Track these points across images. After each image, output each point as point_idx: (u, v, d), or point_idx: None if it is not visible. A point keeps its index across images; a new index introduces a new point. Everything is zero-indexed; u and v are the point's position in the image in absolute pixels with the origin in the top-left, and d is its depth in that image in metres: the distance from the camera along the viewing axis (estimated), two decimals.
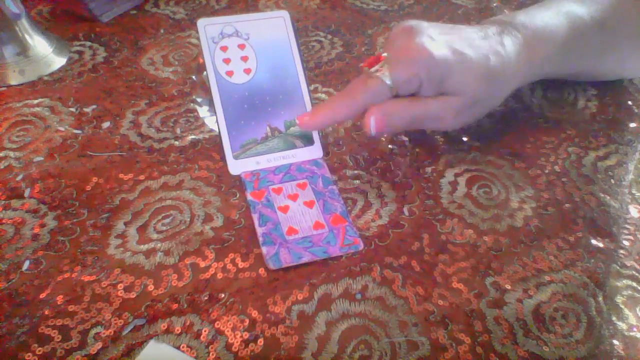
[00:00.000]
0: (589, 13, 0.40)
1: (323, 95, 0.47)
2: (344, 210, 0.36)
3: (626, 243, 0.35)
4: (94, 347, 0.28)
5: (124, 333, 0.29)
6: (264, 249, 0.33)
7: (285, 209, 0.36)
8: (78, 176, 0.38)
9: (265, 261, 0.32)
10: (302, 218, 0.35)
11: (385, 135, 0.41)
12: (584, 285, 0.32)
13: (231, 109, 0.39)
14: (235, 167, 0.38)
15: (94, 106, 0.45)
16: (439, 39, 0.35)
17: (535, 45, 0.38)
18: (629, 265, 0.33)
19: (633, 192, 0.39)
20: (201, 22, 0.39)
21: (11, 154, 0.40)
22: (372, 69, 0.35)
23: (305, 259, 0.33)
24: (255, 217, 0.35)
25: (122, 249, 0.34)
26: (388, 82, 0.34)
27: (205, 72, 0.39)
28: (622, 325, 0.30)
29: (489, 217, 0.36)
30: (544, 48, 0.38)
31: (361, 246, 0.34)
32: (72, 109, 0.45)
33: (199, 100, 0.43)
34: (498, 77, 0.37)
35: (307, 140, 0.40)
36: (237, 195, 0.37)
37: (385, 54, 0.35)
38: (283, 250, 0.33)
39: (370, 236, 0.35)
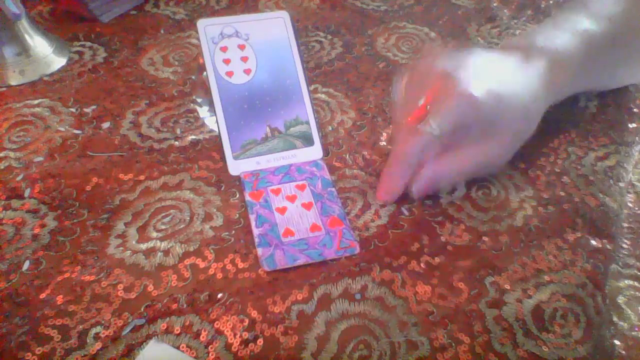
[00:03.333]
0: (602, 30, 0.40)
1: (323, 96, 0.47)
2: (342, 212, 0.36)
3: (627, 242, 0.35)
4: (94, 347, 0.28)
5: (123, 333, 0.29)
6: (260, 250, 0.33)
7: (282, 211, 0.36)
8: (78, 176, 0.39)
9: (260, 262, 0.33)
10: (299, 220, 0.35)
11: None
12: (583, 285, 0.32)
13: (231, 109, 0.39)
14: (235, 167, 0.38)
15: (94, 106, 0.45)
16: (476, 82, 0.34)
17: (558, 71, 0.37)
18: (630, 264, 0.33)
19: (632, 191, 0.38)
20: (201, 23, 0.39)
21: (11, 154, 0.40)
22: (419, 125, 0.33)
23: (300, 262, 0.33)
24: (252, 217, 0.35)
25: (121, 248, 0.34)
26: (437, 133, 0.33)
27: (205, 73, 0.39)
28: (623, 325, 0.30)
29: (489, 218, 0.36)
30: (565, 73, 0.38)
31: (357, 249, 0.34)
32: (72, 109, 0.45)
33: (199, 100, 0.43)
34: (532, 110, 0.36)
35: (307, 141, 0.40)
36: (237, 195, 0.37)
37: (428, 106, 0.34)
38: (278, 252, 0.33)
39: (369, 236, 0.35)
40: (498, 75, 0.35)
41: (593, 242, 0.35)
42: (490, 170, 0.38)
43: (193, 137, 0.42)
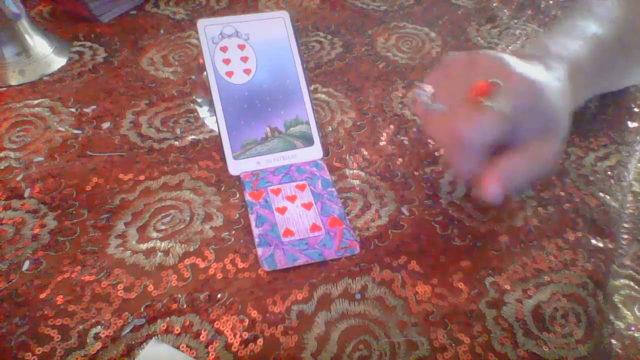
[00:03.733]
0: (609, 33, 0.40)
1: (323, 96, 0.47)
2: (342, 212, 0.36)
3: (623, 242, 0.35)
4: (94, 347, 0.28)
5: (123, 333, 0.29)
6: (260, 250, 0.33)
7: (282, 211, 0.36)
8: (78, 176, 0.39)
9: (260, 262, 0.33)
10: (299, 220, 0.35)
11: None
12: (583, 285, 0.32)
13: (231, 109, 0.39)
14: (235, 167, 0.38)
15: (94, 106, 0.45)
16: (531, 72, 0.31)
17: (576, 79, 0.36)
18: (626, 264, 0.33)
19: (632, 190, 0.39)
20: (201, 23, 0.39)
21: (11, 154, 0.40)
22: (483, 99, 0.29)
23: (300, 261, 0.33)
24: (252, 217, 0.35)
25: (122, 248, 0.34)
26: (508, 112, 0.29)
27: (205, 72, 0.39)
28: (620, 325, 0.30)
29: (489, 218, 0.36)
30: (582, 80, 0.37)
31: (357, 249, 0.34)
32: (72, 109, 0.45)
33: (199, 100, 0.43)
34: (567, 113, 0.34)
35: (307, 141, 0.40)
36: (237, 195, 0.37)
37: (498, 81, 0.30)
38: (278, 251, 0.33)
39: (369, 236, 0.35)
40: (541, 78, 0.33)
41: (594, 242, 0.35)
42: (544, 173, 0.34)
43: (193, 137, 0.42)
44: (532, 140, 0.32)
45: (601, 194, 0.38)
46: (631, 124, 0.44)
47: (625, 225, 0.36)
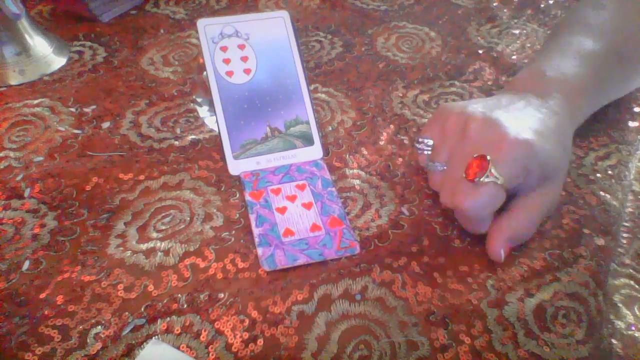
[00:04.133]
0: (606, 47, 0.39)
1: (323, 95, 0.47)
2: (342, 212, 0.36)
3: (624, 241, 0.35)
4: (94, 347, 0.28)
5: (123, 333, 0.29)
6: (260, 250, 0.33)
7: (282, 210, 0.36)
8: (78, 176, 0.38)
9: (260, 262, 0.32)
10: (299, 220, 0.35)
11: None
12: (585, 284, 0.32)
13: (231, 109, 0.39)
14: (235, 167, 0.38)
15: (94, 106, 0.45)
16: (523, 128, 0.32)
17: (574, 100, 0.36)
18: (626, 263, 0.33)
19: (633, 189, 0.39)
20: (201, 22, 0.39)
21: (11, 154, 0.40)
22: (482, 177, 0.30)
23: (300, 261, 0.33)
24: (252, 217, 0.35)
25: (122, 248, 0.34)
26: (501, 182, 0.30)
27: (205, 72, 0.39)
28: (620, 324, 0.30)
29: None
30: (581, 100, 0.37)
31: (358, 249, 0.34)
32: (72, 109, 0.45)
33: (199, 100, 0.43)
34: (567, 145, 0.35)
35: (307, 141, 0.40)
36: (237, 195, 0.37)
37: (488, 157, 0.31)
38: (278, 251, 0.33)
39: (370, 236, 0.35)
40: (532, 119, 0.33)
41: (596, 240, 0.35)
42: (551, 212, 0.36)
43: (193, 137, 0.42)
44: (533, 191, 0.33)
45: (602, 193, 0.38)
46: (631, 124, 0.44)
47: (626, 224, 0.36)
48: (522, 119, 0.33)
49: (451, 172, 0.33)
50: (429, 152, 0.36)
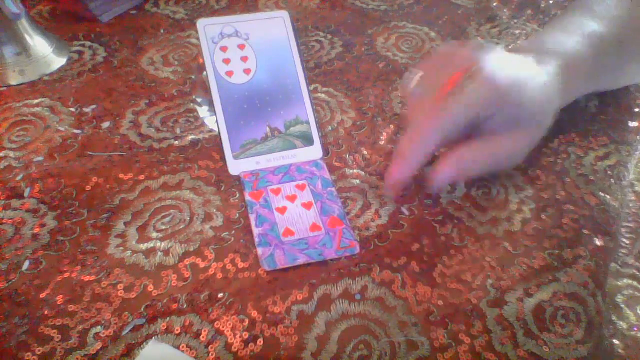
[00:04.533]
0: (609, 31, 0.40)
1: (323, 95, 0.47)
2: (342, 212, 0.36)
3: (626, 242, 0.35)
4: (94, 347, 0.28)
5: (123, 333, 0.29)
6: (260, 250, 0.33)
7: (282, 210, 0.36)
8: (78, 176, 0.39)
9: (260, 262, 0.33)
10: (299, 220, 0.35)
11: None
12: (585, 285, 0.32)
13: (231, 109, 0.39)
14: (235, 167, 0.38)
15: (94, 106, 0.45)
16: (500, 72, 0.33)
17: (569, 75, 0.37)
18: (629, 263, 0.33)
19: (634, 190, 0.39)
20: (201, 23, 0.39)
21: (11, 154, 0.40)
22: (451, 90, 0.31)
23: (300, 261, 0.33)
24: (252, 217, 0.35)
25: (122, 248, 0.34)
26: (466, 103, 0.31)
27: (205, 72, 0.39)
28: (622, 325, 0.30)
29: (489, 218, 0.36)
30: (576, 76, 0.38)
31: (357, 249, 0.34)
32: (72, 109, 0.45)
33: (199, 100, 0.43)
34: (547, 110, 0.36)
35: (307, 141, 0.40)
36: (237, 195, 0.37)
37: (458, 83, 0.32)
38: (278, 251, 0.33)
39: (369, 236, 0.35)
40: (518, 72, 0.34)
41: (595, 241, 0.35)
42: (508, 165, 0.36)
43: (193, 137, 0.42)
44: (501, 133, 0.33)
45: (601, 194, 0.38)
46: (631, 124, 0.44)
47: (629, 224, 0.36)
48: (511, 64, 0.34)
49: (427, 94, 0.33)
50: (412, 82, 0.36)
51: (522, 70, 0.34)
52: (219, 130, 0.38)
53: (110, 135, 0.42)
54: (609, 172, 0.40)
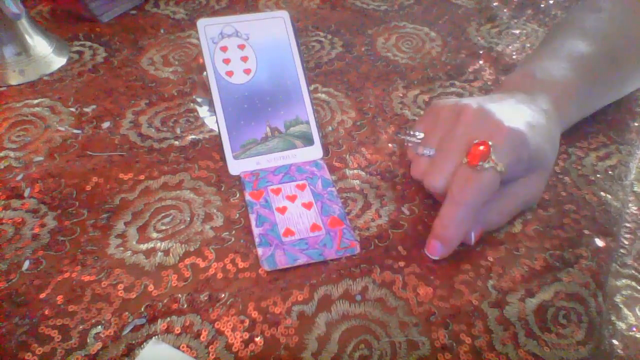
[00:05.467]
0: (599, 50, 0.39)
1: (323, 95, 0.47)
2: (342, 212, 0.36)
3: (626, 242, 0.35)
4: (94, 347, 0.28)
5: (124, 333, 0.29)
6: (260, 250, 0.33)
7: (283, 210, 0.36)
8: (78, 176, 0.38)
9: (260, 262, 0.32)
10: (299, 220, 0.35)
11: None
12: (586, 285, 0.32)
13: (231, 109, 0.39)
14: (235, 167, 0.38)
15: (94, 106, 0.45)
16: (515, 120, 0.32)
17: (561, 103, 0.37)
18: (628, 264, 0.33)
19: (634, 190, 0.38)
20: (201, 23, 0.39)
21: (11, 154, 0.40)
22: (484, 163, 0.30)
23: (300, 261, 0.32)
24: (252, 217, 0.35)
25: (122, 248, 0.34)
26: (499, 169, 0.30)
27: (205, 72, 0.39)
28: (621, 325, 0.30)
29: None
30: (569, 103, 0.38)
31: (358, 249, 0.33)
32: (72, 109, 0.45)
33: (199, 100, 0.43)
34: (556, 146, 0.36)
35: (307, 141, 0.40)
36: (237, 195, 0.37)
37: (490, 142, 0.31)
38: (279, 251, 0.33)
39: (370, 236, 0.35)
40: (524, 113, 0.34)
41: (596, 241, 0.35)
42: (532, 203, 0.36)
43: (193, 137, 0.42)
44: (515, 182, 0.34)
45: (602, 194, 0.38)
46: (631, 124, 0.44)
47: (628, 225, 0.36)
48: (514, 112, 0.33)
49: (443, 156, 0.33)
50: (418, 142, 0.36)
51: (526, 119, 0.33)
52: (219, 130, 0.38)
53: (110, 135, 0.42)
54: (610, 172, 0.40)
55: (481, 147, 0.31)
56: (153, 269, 0.32)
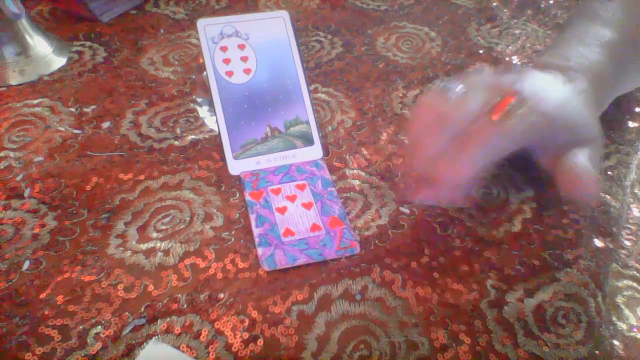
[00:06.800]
0: (621, 36, 0.39)
1: (323, 95, 0.47)
2: (342, 212, 0.36)
3: (628, 243, 0.35)
4: (94, 347, 0.28)
5: (124, 333, 0.29)
6: (260, 250, 0.33)
7: (282, 210, 0.36)
8: (78, 176, 0.38)
9: (260, 262, 0.32)
10: (299, 220, 0.35)
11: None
12: (585, 285, 0.32)
13: (231, 109, 0.39)
14: (235, 167, 0.38)
15: (94, 106, 0.45)
16: (546, 100, 0.32)
17: (598, 88, 0.37)
18: (630, 265, 0.33)
19: (635, 191, 0.38)
20: (201, 22, 0.39)
21: (11, 154, 0.40)
22: (502, 114, 0.30)
23: (300, 261, 0.33)
24: (252, 217, 0.35)
25: (122, 248, 0.34)
26: (521, 127, 0.30)
27: (205, 72, 0.39)
28: (622, 326, 0.30)
29: (489, 219, 0.36)
30: (604, 88, 0.38)
31: (358, 249, 0.34)
32: (72, 109, 0.45)
33: (199, 100, 0.43)
34: (595, 119, 0.35)
35: (307, 141, 0.40)
36: (237, 195, 0.37)
37: (513, 99, 0.31)
38: (278, 251, 0.33)
39: (370, 236, 0.35)
40: (560, 95, 0.33)
41: (595, 242, 0.35)
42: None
43: (193, 136, 0.42)
44: (571, 150, 0.33)
45: (601, 194, 0.38)
46: (631, 124, 0.44)
47: (630, 226, 0.36)
48: (552, 92, 0.33)
49: (470, 95, 0.31)
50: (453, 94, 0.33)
51: (563, 93, 0.33)
52: (219, 130, 0.38)
53: (110, 135, 0.42)
54: (610, 173, 0.40)
55: (506, 100, 0.30)
56: (153, 269, 0.32)
